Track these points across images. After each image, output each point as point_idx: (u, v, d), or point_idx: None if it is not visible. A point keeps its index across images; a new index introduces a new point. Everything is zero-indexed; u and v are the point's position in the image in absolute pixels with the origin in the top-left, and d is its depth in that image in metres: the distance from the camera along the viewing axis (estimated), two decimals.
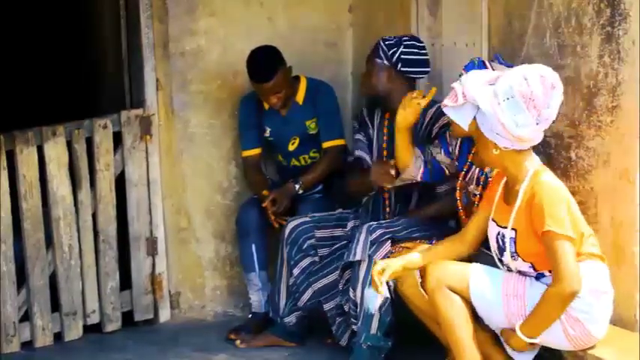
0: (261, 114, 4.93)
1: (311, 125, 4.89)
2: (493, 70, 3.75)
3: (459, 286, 3.47)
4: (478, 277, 3.46)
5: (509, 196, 3.50)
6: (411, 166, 4.11)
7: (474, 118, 3.44)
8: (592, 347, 3.40)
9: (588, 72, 3.67)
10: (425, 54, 4.36)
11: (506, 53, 4.11)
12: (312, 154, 4.94)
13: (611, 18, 3.55)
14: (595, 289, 3.35)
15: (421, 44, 4.38)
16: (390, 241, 4.09)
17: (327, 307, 4.38)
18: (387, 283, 4.02)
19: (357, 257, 4.08)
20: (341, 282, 4.28)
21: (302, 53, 5.05)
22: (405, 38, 4.36)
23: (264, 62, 4.73)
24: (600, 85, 3.62)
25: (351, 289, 4.14)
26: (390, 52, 4.31)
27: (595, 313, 3.35)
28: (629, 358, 3.36)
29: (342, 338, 4.36)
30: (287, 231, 4.53)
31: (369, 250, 4.07)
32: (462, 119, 3.47)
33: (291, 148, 4.94)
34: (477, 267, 3.51)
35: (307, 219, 4.54)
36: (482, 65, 3.78)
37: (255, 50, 4.79)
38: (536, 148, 3.55)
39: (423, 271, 3.64)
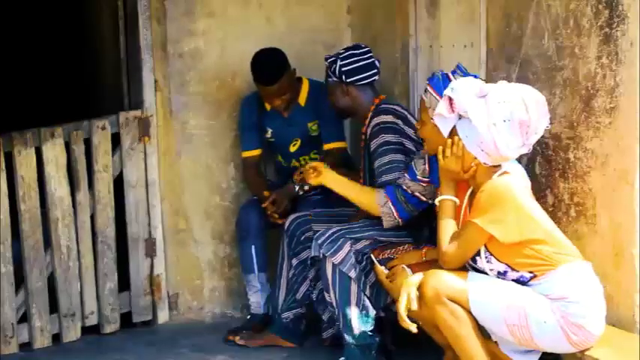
0: (263, 115, 4.93)
1: (313, 127, 4.89)
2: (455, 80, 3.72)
3: (458, 297, 3.42)
4: (477, 287, 3.43)
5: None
6: (377, 209, 4.05)
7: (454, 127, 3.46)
8: (590, 347, 3.40)
9: (586, 73, 3.67)
10: (367, 58, 4.37)
11: (505, 54, 4.11)
12: (312, 156, 4.94)
13: (610, 19, 3.55)
14: (585, 290, 3.35)
15: (360, 50, 4.39)
16: (349, 242, 4.10)
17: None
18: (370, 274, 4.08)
19: (312, 253, 4.15)
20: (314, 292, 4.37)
21: (300, 54, 5.05)
22: (341, 51, 4.43)
23: (270, 65, 4.73)
24: (599, 86, 3.62)
25: (325, 293, 4.17)
26: (332, 68, 4.38)
27: (592, 314, 3.35)
28: (629, 358, 3.36)
29: (325, 333, 4.46)
30: (287, 224, 4.58)
31: (320, 248, 4.10)
32: (445, 128, 3.50)
33: (292, 149, 4.94)
34: (475, 276, 3.48)
35: (307, 213, 4.59)
36: (445, 78, 3.75)
37: (261, 52, 4.79)
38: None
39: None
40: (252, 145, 4.97)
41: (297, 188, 4.76)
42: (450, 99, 3.44)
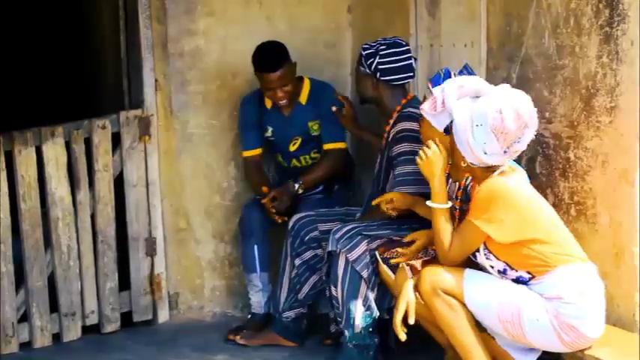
0: (263, 114, 4.92)
1: (313, 127, 4.88)
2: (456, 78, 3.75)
3: (453, 290, 3.45)
4: (472, 283, 3.45)
5: None
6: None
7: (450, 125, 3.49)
8: (589, 347, 3.40)
9: (587, 72, 3.67)
10: (406, 59, 4.30)
11: (505, 53, 4.11)
12: (312, 155, 4.93)
13: (610, 19, 3.55)
14: (582, 292, 3.35)
15: (401, 49, 4.31)
16: (366, 241, 4.09)
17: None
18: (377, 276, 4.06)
19: (329, 248, 4.13)
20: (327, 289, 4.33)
21: (301, 54, 5.04)
22: (382, 46, 4.31)
23: (272, 53, 4.71)
24: (599, 85, 3.62)
25: (332, 287, 4.16)
26: (369, 61, 4.32)
27: (587, 316, 3.35)
28: (629, 358, 3.36)
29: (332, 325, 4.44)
30: (291, 223, 4.56)
31: (337, 243, 4.09)
32: (438, 124, 3.60)
33: (292, 148, 4.93)
34: (471, 272, 3.50)
35: (312, 212, 4.57)
36: (447, 76, 3.76)
37: (262, 44, 4.79)
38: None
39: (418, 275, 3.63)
40: (253, 145, 4.96)
41: (297, 187, 4.76)
42: (435, 98, 3.51)
